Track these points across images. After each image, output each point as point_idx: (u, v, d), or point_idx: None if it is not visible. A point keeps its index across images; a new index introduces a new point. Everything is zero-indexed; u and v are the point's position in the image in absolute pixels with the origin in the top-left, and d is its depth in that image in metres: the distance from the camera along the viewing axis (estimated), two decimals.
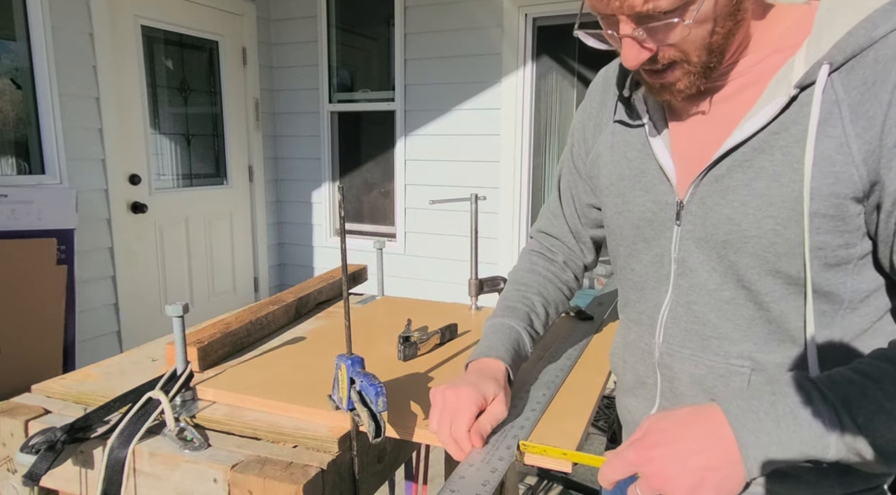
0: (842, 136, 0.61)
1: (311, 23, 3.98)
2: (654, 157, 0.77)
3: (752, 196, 0.66)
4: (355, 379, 0.79)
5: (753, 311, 0.70)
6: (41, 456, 0.81)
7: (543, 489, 2.48)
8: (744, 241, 0.68)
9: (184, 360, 0.95)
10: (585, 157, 0.92)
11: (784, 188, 0.64)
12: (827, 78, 0.62)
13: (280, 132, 4.24)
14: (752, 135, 0.66)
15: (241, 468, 0.77)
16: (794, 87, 0.63)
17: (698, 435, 0.59)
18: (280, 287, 4.40)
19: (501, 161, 3.57)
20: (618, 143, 0.83)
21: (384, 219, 4.10)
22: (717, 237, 0.70)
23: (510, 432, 0.80)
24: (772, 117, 0.65)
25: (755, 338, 0.71)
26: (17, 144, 2.83)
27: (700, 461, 0.57)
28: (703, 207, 0.71)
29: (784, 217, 0.64)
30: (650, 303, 0.80)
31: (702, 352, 0.74)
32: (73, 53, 2.90)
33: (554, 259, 1.02)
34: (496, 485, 0.69)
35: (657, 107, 0.79)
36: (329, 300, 1.53)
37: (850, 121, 0.60)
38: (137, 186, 3.30)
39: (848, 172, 0.61)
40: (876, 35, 0.60)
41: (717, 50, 0.67)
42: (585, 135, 0.92)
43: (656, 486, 0.58)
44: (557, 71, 3.74)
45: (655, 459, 0.59)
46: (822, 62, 0.62)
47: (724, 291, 0.71)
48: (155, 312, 3.47)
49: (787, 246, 0.65)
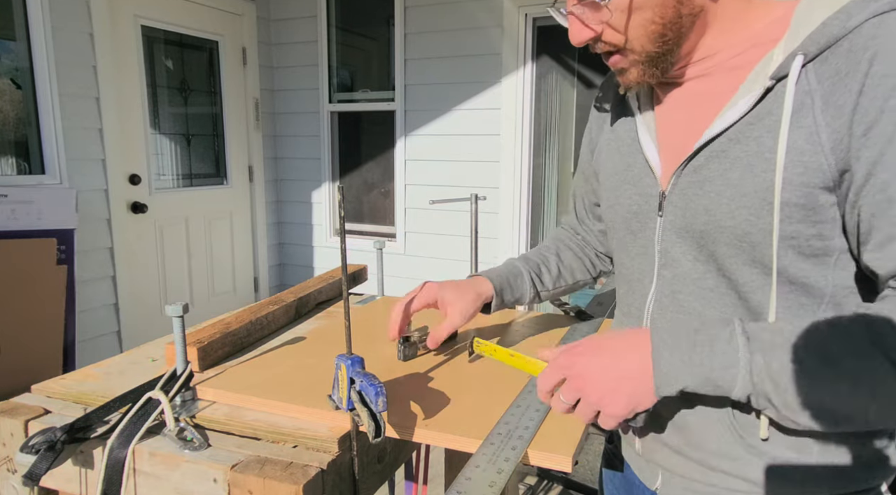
0: (812, 126, 0.61)
1: (311, 23, 3.98)
2: (641, 151, 0.79)
3: (726, 186, 0.67)
4: (355, 379, 0.79)
5: (736, 299, 0.70)
6: (41, 456, 0.81)
7: (543, 489, 2.47)
8: (719, 231, 0.68)
9: (184, 360, 0.95)
10: (591, 156, 0.95)
11: (756, 178, 0.65)
12: (801, 69, 0.62)
13: (280, 132, 4.24)
14: (730, 126, 0.67)
15: (241, 468, 0.77)
16: (770, 78, 0.64)
17: (622, 347, 0.67)
18: (280, 287, 4.40)
19: (501, 161, 3.57)
20: (613, 139, 0.86)
21: (384, 219, 4.10)
22: (696, 227, 0.71)
23: (515, 432, 0.81)
24: (748, 108, 0.65)
25: None
26: (17, 144, 2.83)
27: (618, 370, 0.65)
28: (683, 198, 0.72)
29: (757, 207, 0.65)
30: (638, 295, 0.81)
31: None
32: (73, 53, 2.90)
33: (577, 234, 1.10)
34: (502, 486, 0.69)
35: (648, 101, 0.80)
36: (329, 300, 1.53)
37: (821, 110, 0.61)
38: (137, 186, 3.30)
39: (817, 162, 0.61)
40: (850, 25, 0.60)
41: (662, 40, 0.68)
42: (592, 134, 0.96)
43: (576, 387, 0.67)
44: (557, 71, 3.75)
45: (579, 364, 0.67)
46: (796, 53, 0.62)
47: (708, 280, 0.72)
48: (155, 312, 3.47)
49: (760, 236, 0.65)
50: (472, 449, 0.79)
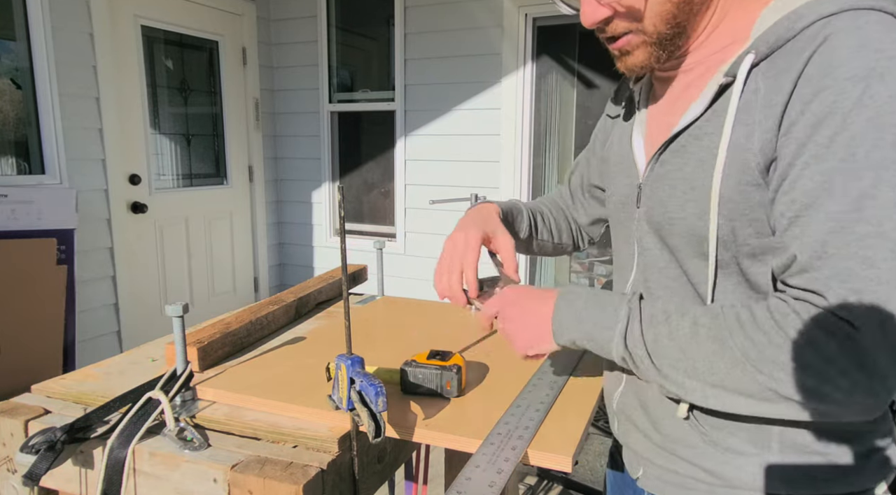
0: (753, 124, 0.62)
1: (311, 23, 3.98)
2: (630, 143, 0.82)
3: (679, 180, 0.69)
4: (355, 379, 0.79)
5: (692, 291, 0.72)
6: (41, 456, 0.81)
7: (543, 489, 2.47)
8: (671, 224, 0.71)
9: (184, 360, 0.95)
10: (603, 144, 0.96)
11: (705, 173, 0.66)
12: (752, 68, 0.63)
13: (280, 132, 4.24)
14: (692, 122, 0.68)
15: (241, 468, 0.77)
16: (725, 75, 0.65)
17: (542, 298, 0.77)
18: (280, 287, 4.40)
19: (501, 161, 3.57)
20: (617, 133, 0.89)
21: (384, 219, 4.09)
22: (655, 219, 0.74)
23: (515, 432, 0.81)
24: (706, 105, 0.67)
25: None
26: (17, 144, 2.83)
27: (528, 314, 0.77)
28: (649, 190, 0.75)
29: (703, 201, 0.66)
30: (623, 281, 0.85)
31: None
32: (73, 53, 2.90)
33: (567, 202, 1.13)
34: (502, 487, 0.69)
35: (646, 95, 0.83)
36: (329, 300, 1.53)
37: (760, 108, 0.61)
38: (137, 186, 3.30)
39: (748, 159, 0.62)
40: (798, 27, 0.60)
41: (675, 22, 0.68)
42: (606, 124, 0.97)
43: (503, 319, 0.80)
44: (557, 71, 3.74)
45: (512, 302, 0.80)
46: (748, 52, 0.63)
47: (671, 270, 0.74)
48: (155, 312, 3.47)
49: (705, 230, 0.67)
50: (472, 449, 0.79)
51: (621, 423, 0.84)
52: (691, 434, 0.73)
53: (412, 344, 1.19)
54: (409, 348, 1.14)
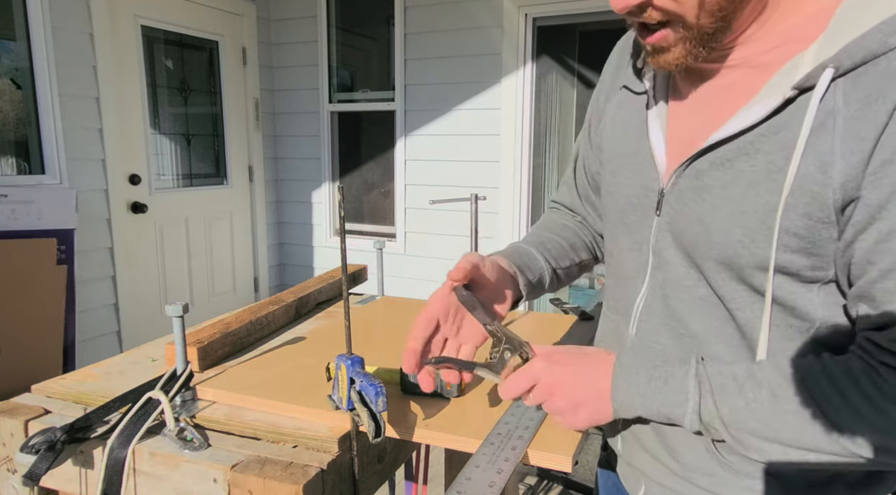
0: (828, 154, 0.54)
1: (311, 23, 3.98)
2: (647, 138, 0.72)
3: (725, 200, 0.62)
4: (355, 379, 0.79)
5: (726, 313, 0.66)
6: (41, 456, 0.81)
7: (543, 489, 2.47)
8: (710, 246, 0.64)
9: (184, 360, 0.95)
10: (597, 126, 0.86)
11: (759, 198, 0.59)
12: (830, 84, 0.54)
13: (280, 132, 4.24)
14: (740, 133, 0.60)
15: (241, 468, 0.77)
16: (793, 88, 0.56)
17: (591, 369, 0.69)
18: (280, 287, 4.40)
19: (501, 161, 3.57)
20: (620, 117, 0.79)
21: (384, 219, 4.09)
22: (688, 236, 0.66)
23: (515, 433, 0.80)
24: (762, 117, 0.59)
25: (728, 341, 0.67)
26: (17, 144, 2.83)
27: (584, 390, 0.68)
28: (680, 201, 0.67)
29: (753, 228, 0.60)
30: (627, 292, 0.77)
31: (674, 349, 0.71)
32: (73, 53, 2.90)
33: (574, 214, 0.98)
34: (502, 487, 0.69)
35: (663, 84, 0.73)
36: (329, 300, 1.53)
37: (841, 138, 0.54)
38: (137, 186, 3.30)
39: (825, 195, 0.55)
40: (892, 43, 0.52)
41: (720, 14, 0.59)
42: (599, 103, 0.86)
43: (545, 393, 0.68)
44: (557, 71, 3.75)
45: (554, 374, 0.68)
46: (826, 65, 0.54)
47: (700, 289, 0.67)
48: (155, 312, 3.47)
49: (752, 258, 0.60)
50: (472, 449, 0.79)
51: (627, 443, 0.80)
52: (711, 462, 0.70)
53: None
54: None
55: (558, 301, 1.54)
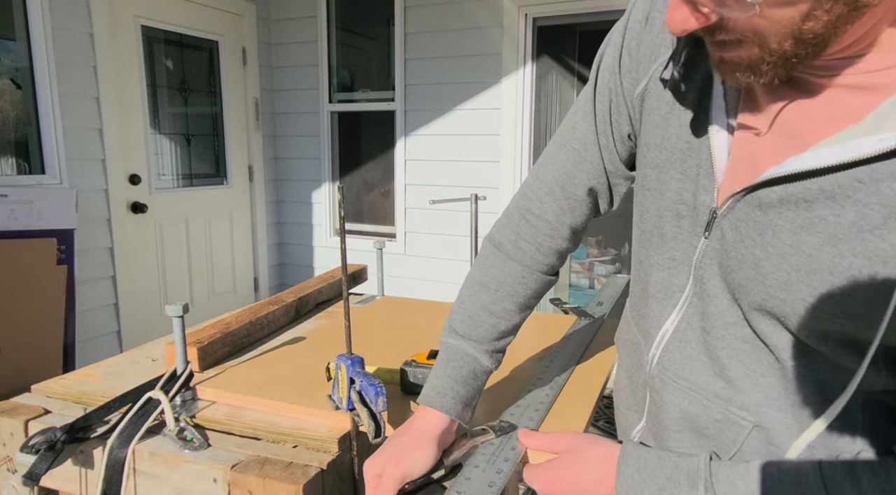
0: None
1: (311, 23, 3.98)
2: (708, 140, 0.58)
3: (791, 248, 0.50)
4: (355, 379, 0.79)
5: (772, 359, 0.57)
6: (41, 456, 0.81)
7: None
8: (763, 297, 0.53)
9: (184, 360, 0.95)
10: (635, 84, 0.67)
11: (840, 258, 0.47)
12: None
13: (280, 132, 4.24)
14: (827, 170, 0.47)
15: (241, 468, 0.77)
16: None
17: (594, 478, 0.64)
18: (280, 287, 4.40)
19: (501, 161, 3.57)
20: (671, 100, 0.62)
21: (384, 219, 4.09)
22: (737, 276, 0.56)
23: (515, 433, 0.80)
24: (864, 157, 0.45)
25: (769, 389, 0.58)
26: (17, 144, 2.83)
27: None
28: (734, 232, 0.56)
29: (828, 297, 0.49)
30: (651, 312, 0.68)
31: (702, 389, 0.62)
32: (73, 53, 2.90)
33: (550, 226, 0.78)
34: (502, 487, 0.69)
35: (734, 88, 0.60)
36: (329, 300, 1.53)
37: None
38: (137, 186, 3.30)
39: None
40: None
41: (812, 41, 0.45)
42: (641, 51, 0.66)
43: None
44: (557, 71, 3.75)
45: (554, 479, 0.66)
46: None
47: (742, 329, 0.58)
48: (155, 312, 3.47)
49: (815, 323, 0.50)
50: None
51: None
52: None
53: (412, 344, 1.19)
54: (409, 348, 1.14)
55: (558, 301, 1.54)
